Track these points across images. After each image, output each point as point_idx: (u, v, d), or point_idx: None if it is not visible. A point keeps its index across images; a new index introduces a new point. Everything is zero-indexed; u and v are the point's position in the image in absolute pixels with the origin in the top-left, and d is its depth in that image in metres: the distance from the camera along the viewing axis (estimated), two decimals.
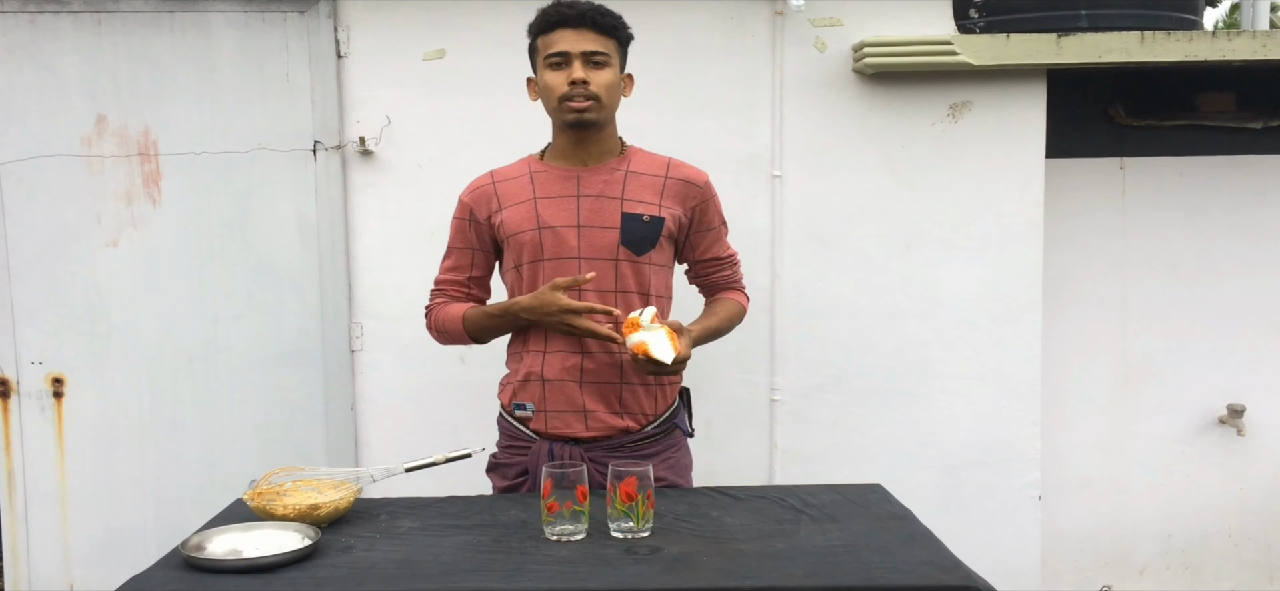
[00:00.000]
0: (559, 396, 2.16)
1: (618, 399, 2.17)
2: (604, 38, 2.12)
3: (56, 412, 3.08)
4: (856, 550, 1.77)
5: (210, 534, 1.84)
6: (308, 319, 3.06)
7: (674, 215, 2.18)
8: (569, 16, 2.11)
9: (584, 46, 2.10)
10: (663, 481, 2.17)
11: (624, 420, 2.17)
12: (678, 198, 2.20)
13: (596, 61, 2.12)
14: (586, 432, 2.16)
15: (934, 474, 3.12)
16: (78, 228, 3.02)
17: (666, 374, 2.08)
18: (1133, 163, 3.26)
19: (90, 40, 2.98)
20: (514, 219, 2.19)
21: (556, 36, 2.12)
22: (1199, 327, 3.29)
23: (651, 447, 2.20)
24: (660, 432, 2.22)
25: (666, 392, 2.23)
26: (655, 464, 2.16)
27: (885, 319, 3.09)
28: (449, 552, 1.79)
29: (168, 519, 3.07)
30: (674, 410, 2.25)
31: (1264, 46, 2.92)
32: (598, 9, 2.13)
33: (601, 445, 2.17)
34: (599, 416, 2.16)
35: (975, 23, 3.15)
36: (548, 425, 2.18)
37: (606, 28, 2.13)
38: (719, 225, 2.27)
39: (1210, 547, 3.37)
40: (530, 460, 2.19)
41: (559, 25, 2.12)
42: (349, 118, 3.02)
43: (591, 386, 2.16)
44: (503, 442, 2.30)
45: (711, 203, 2.24)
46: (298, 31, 2.98)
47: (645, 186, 2.18)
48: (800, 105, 3.03)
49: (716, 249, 2.29)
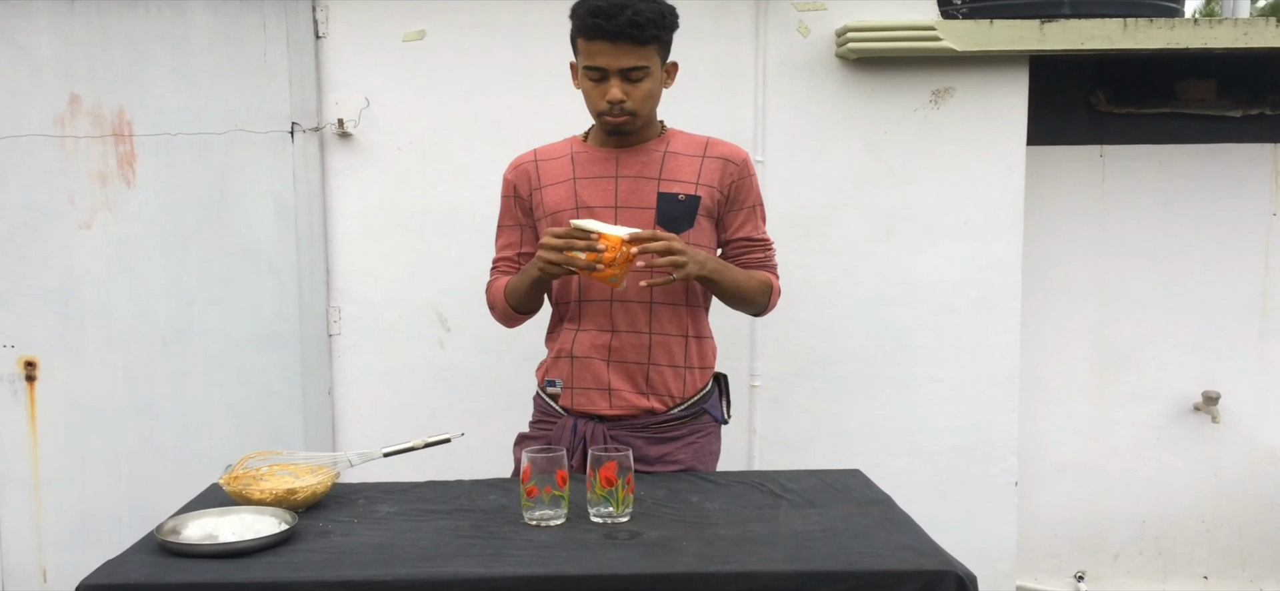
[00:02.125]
0: (586, 373, 2.17)
1: (644, 379, 2.17)
2: (643, 49, 2.06)
3: (29, 396, 3.05)
4: (836, 534, 1.77)
5: (185, 518, 1.82)
6: (285, 302, 3.03)
7: (711, 192, 2.17)
8: (607, 30, 2.02)
9: (621, 63, 2.05)
10: (682, 465, 2.17)
11: (649, 401, 2.17)
12: (715, 174, 2.18)
13: (634, 77, 2.08)
14: (610, 410, 2.17)
15: (913, 459, 3.14)
16: (51, 209, 2.98)
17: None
18: (1113, 150, 3.27)
19: (64, 19, 2.93)
20: (553, 197, 2.19)
21: (596, 48, 2.06)
22: (1176, 315, 3.31)
23: (676, 430, 2.20)
24: (687, 416, 2.21)
25: (696, 376, 2.22)
26: (678, 448, 2.18)
27: (866, 304, 3.10)
28: (427, 537, 1.77)
29: (142, 503, 3.05)
30: (705, 394, 2.24)
31: (1245, 34, 2.93)
32: (636, 21, 2.02)
33: (625, 424, 2.17)
34: (623, 396, 2.16)
35: (959, 8, 3.15)
36: (574, 402, 2.19)
37: (646, 39, 2.05)
38: (754, 205, 2.23)
39: (1184, 534, 3.40)
40: (555, 435, 2.20)
41: (598, 36, 2.04)
42: (327, 99, 2.99)
43: (618, 365, 2.16)
44: (534, 418, 2.31)
45: (748, 180, 2.21)
46: (275, 11, 2.95)
47: (683, 166, 2.17)
48: (783, 90, 3.02)
49: (748, 228, 2.22)
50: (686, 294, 2.19)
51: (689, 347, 2.20)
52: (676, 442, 2.18)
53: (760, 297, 2.22)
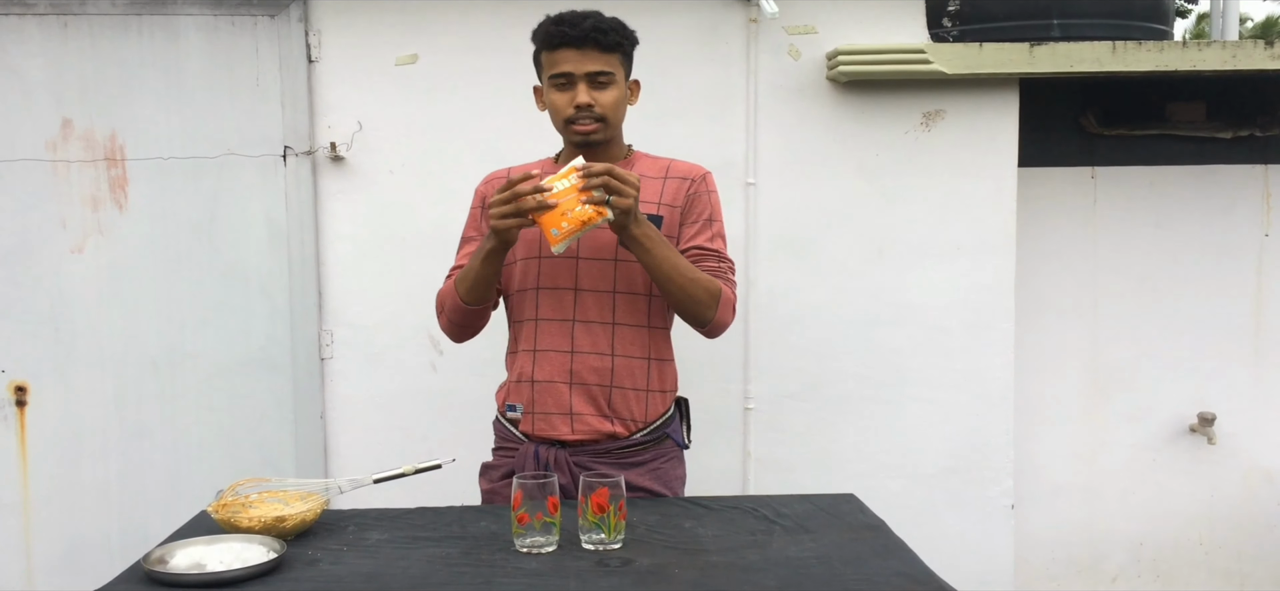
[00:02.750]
0: (547, 397, 2.14)
1: (606, 402, 2.14)
2: (608, 55, 2.10)
3: (19, 421, 3.03)
4: (830, 561, 1.76)
5: (173, 547, 1.80)
6: (277, 326, 3.02)
7: (672, 212, 2.17)
8: (572, 36, 2.07)
9: (588, 68, 2.08)
10: (648, 492, 2.15)
11: (612, 425, 2.14)
12: (675, 192, 2.18)
13: (600, 81, 2.10)
14: (571, 436, 2.14)
15: (907, 482, 3.13)
16: (42, 233, 2.97)
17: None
18: (1104, 171, 3.28)
19: (56, 43, 2.93)
20: None
21: (560, 56, 2.09)
22: (1170, 336, 3.32)
23: (639, 456, 2.18)
24: (650, 441, 2.20)
25: (657, 400, 2.20)
26: (641, 474, 2.15)
27: (859, 327, 3.09)
28: (418, 565, 1.76)
29: (132, 528, 3.02)
30: (667, 419, 2.23)
31: (1234, 57, 2.95)
32: (600, 26, 2.09)
33: (587, 450, 2.14)
34: (586, 420, 2.13)
35: (949, 32, 3.16)
36: (535, 427, 2.16)
37: (610, 45, 2.09)
38: (709, 218, 2.19)
39: (1181, 555, 3.39)
40: (516, 463, 2.16)
41: (562, 44, 2.08)
42: (320, 122, 2.99)
43: (580, 387, 2.13)
44: (495, 445, 2.29)
45: (703, 195, 2.20)
46: (268, 35, 2.95)
47: (647, 187, 2.17)
48: (774, 113, 3.03)
49: (701, 238, 2.16)
50: (649, 314, 2.17)
51: (650, 370, 2.18)
52: (639, 469, 2.15)
53: (704, 295, 2.09)
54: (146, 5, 2.92)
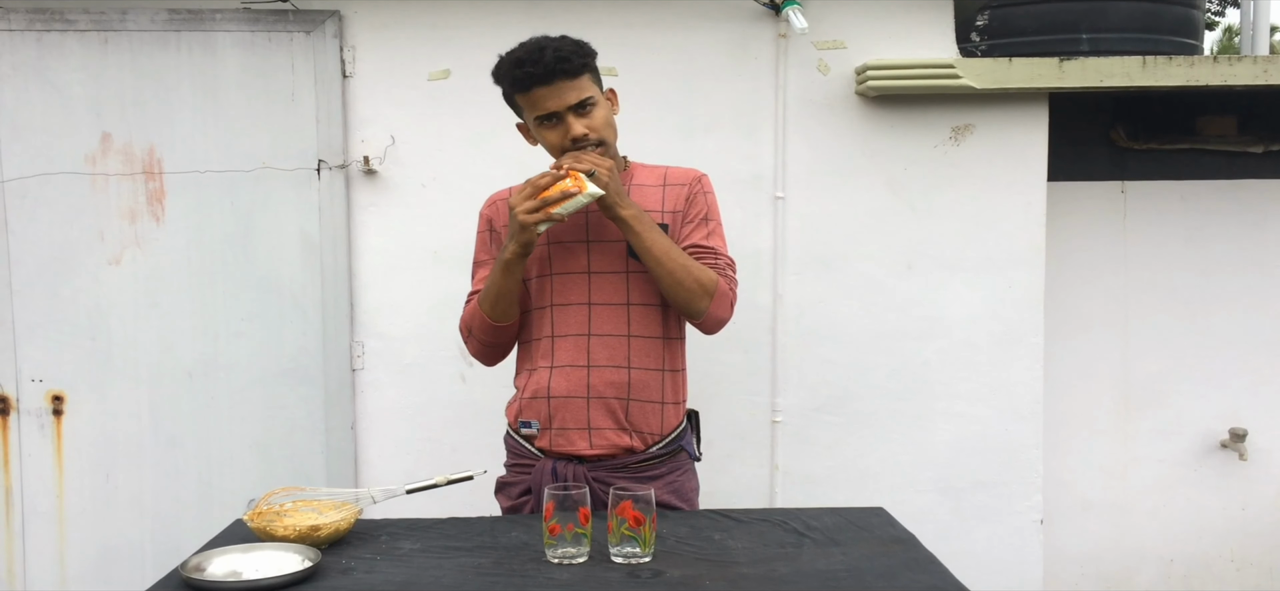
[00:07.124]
0: (565, 413, 2.15)
1: (624, 415, 2.15)
2: (577, 80, 2.09)
3: (56, 430, 3.08)
4: (860, 574, 1.76)
5: (209, 555, 1.83)
6: (309, 337, 3.06)
7: (674, 218, 2.19)
8: (537, 75, 2.06)
9: (568, 100, 2.09)
10: (665, 506, 2.15)
11: (630, 438, 2.15)
12: (675, 198, 2.21)
13: (584, 108, 2.11)
14: (590, 451, 2.15)
15: (936, 496, 3.12)
16: (80, 245, 3.03)
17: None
18: (1134, 186, 3.26)
19: (96, 58, 2.99)
20: None
21: (535, 97, 2.10)
22: (1201, 351, 3.29)
23: (656, 469, 2.19)
24: (666, 454, 2.21)
25: (671, 412, 2.21)
26: (659, 487, 2.14)
27: (887, 340, 3.09)
28: (450, 575, 1.78)
29: (165, 537, 3.06)
30: (681, 432, 2.24)
31: (1265, 72, 2.93)
32: (562, 55, 2.07)
33: (605, 465, 2.15)
34: (604, 434, 2.14)
35: (977, 46, 3.16)
36: (552, 443, 2.17)
37: (575, 70, 2.08)
38: (704, 217, 2.21)
39: (1212, 572, 3.36)
40: (533, 479, 2.18)
41: (531, 85, 2.09)
42: (353, 137, 3.03)
43: (598, 401, 2.14)
44: (509, 461, 2.29)
45: (699, 195, 2.21)
46: (303, 51, 2.99)
47: (648, 196, 2.20)
48: (803, 127, 3.04)
49: (697, 235, 2.18)
50: (664, 325, 2.18)
51: (665, 382, 2.19)
52: (656, 482, 2.15)
53: (695, 284, 2.09)
54: (185, 22, 2.98)
